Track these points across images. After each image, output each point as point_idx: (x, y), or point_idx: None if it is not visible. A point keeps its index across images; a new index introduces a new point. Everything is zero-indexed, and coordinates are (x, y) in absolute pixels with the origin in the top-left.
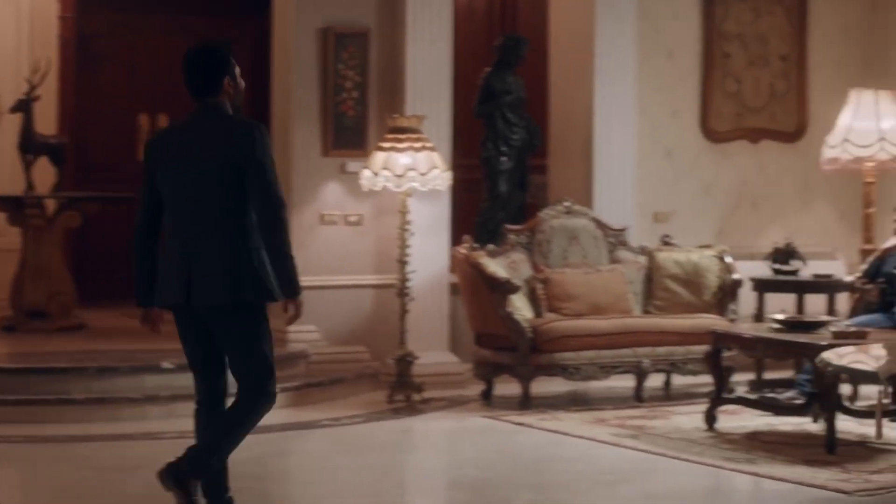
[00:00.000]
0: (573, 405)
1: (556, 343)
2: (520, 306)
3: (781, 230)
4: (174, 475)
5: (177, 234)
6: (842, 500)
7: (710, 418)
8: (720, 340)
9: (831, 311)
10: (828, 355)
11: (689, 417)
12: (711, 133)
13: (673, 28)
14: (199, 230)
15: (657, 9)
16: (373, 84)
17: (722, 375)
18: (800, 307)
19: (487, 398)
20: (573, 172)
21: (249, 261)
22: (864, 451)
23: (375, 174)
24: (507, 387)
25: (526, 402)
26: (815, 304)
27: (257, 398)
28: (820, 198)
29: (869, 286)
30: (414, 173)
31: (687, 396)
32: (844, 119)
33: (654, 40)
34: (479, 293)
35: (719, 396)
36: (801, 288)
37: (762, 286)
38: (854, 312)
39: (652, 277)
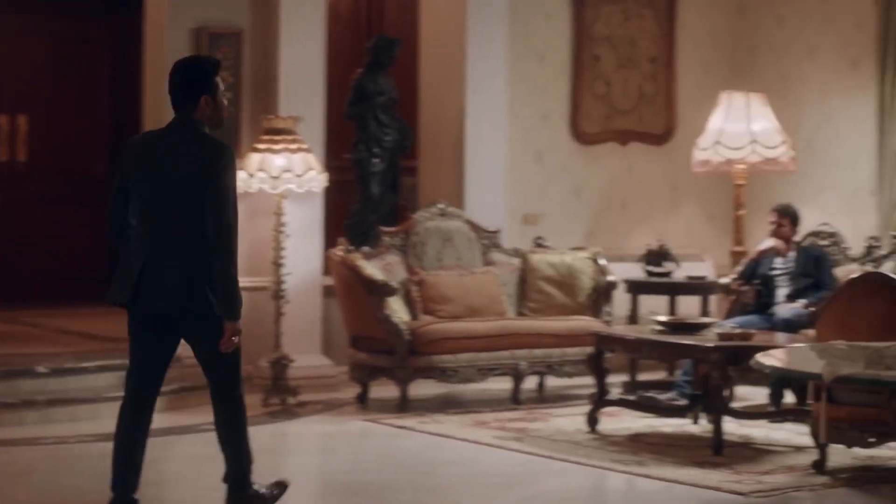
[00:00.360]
0: (451, 408)
1: (434, 345)
2: (396, 308)
3: (650, 232)
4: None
5: (140, 239)
6: (738, 502)
7: (592, 420)
8: (603, 342)
9: (705, 312)
10: (762, 358)
11: (570, 420)
12: (581, 135)
13: (544, 30)
14: (163, 238)
15: (528, 11)
16: (246, 85)
17: (604, 377)
18: (672, 309)
19: (363, 401)
20: (444, 174)
21: (203, 273)
22: (749, 452)
23: (251, 175)
24: (382, 389)
25: (404, 405)
26: (688, 306)
27: (232, 412)
28: (688, 200)
29: (745, 288)
30: (290, 175)
31: (562, 398)
32: (715, 121)
33: (526, 42)
34: (355, 296)
35: (601, 398)
36: (675, 290)
37: (636, 288)
38: (729, 314)
39: (526, 279)
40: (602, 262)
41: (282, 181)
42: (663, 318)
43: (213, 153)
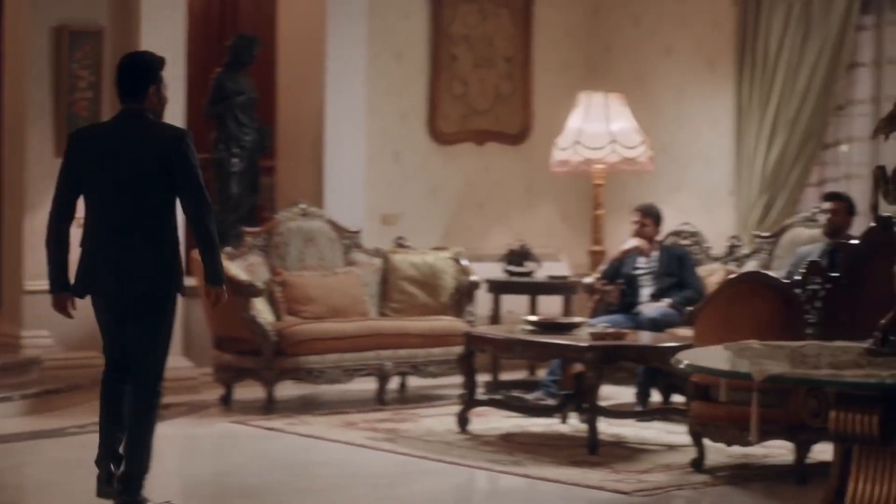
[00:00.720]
0: (316, 409)
1: (300, 346)
2: (261, 309)
3: (507, 232)
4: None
5: (103, 228)
6: (623, 501)
7: (463, 420)
8: (473, 342)
9: (567, 312)
10: (684, 356)
11: (438, 420)
12: (438, 135)
13: (402, 29)
14: (128, 226)
15: (386, 9)
16: (107, 84)
17: (474, 377)
18: (533, 308)
19: (227, 403)
20: (303, 174)
21: (174, 256)
22: (624, 451)
23: None
24: (246, 391)
25: (270, 407)
26: (547, 306)
27: (150, 401)
28: (544, 199)
29: (609, 287)
30: None
31: (426, 399)
32: (574, 121)
33: (384, 41)
34: None
35: (472, 399)
36: (537, 289)
37: (498, 288)
38: (594, 314)
39: (387, 279)
40: (464, 262)
41: None
42: (533, 318)
43: (176, 136)
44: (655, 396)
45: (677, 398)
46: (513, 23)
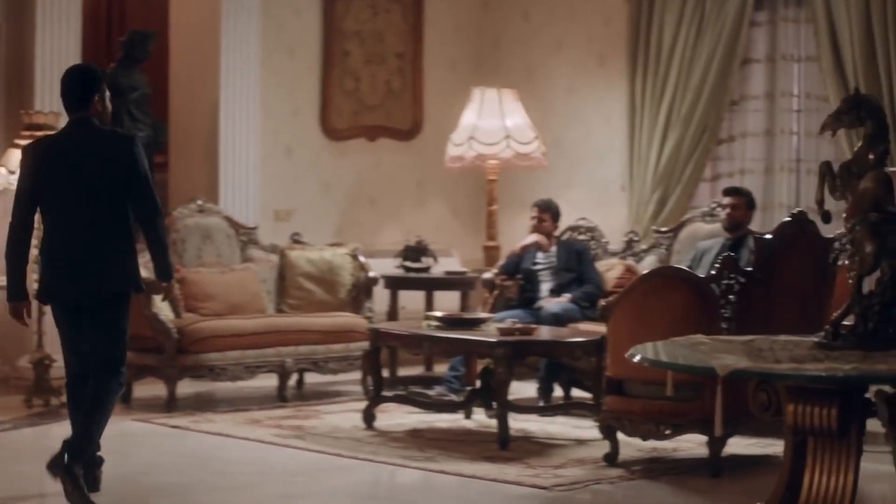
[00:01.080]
0: (217, 406)
1: (202, 344)
2: (161, 306)
3: (399, 227)
4: (59, 465)
5: (62, 236)
6: (542, 496)
7: (369, 417)
8: (380, 339)
9: (464, 307)
10: (638, 351)
11: (341, 416)
12: (331, 131)
13: (295, 25)
14: (87, 233)
15: (280, 6)
16: (1, 79)
17: (380, 374)
18: (429, 304)
19: (127, 400)
20: (196, 170)
21: (131, 258)
22: (533, 445)
23: (12, 172)
24: (145, 388)
25: (172, 405)
26: (443, 302)
27: (112, 384)
28: (435, 195)
29: (508, 283)
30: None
31: (325, 395)
32: (469, 117)
33: (277, 37)
34: None
35: (378, 395)
36: (435, 285)
37: (394, 283)
38: (493, 309)
39: (285, 276)
40: (361, 258)
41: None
42: (438, 314)
43: (129, 147)
44: (556, 391)
45: (577, 393)
46: (403, 18)
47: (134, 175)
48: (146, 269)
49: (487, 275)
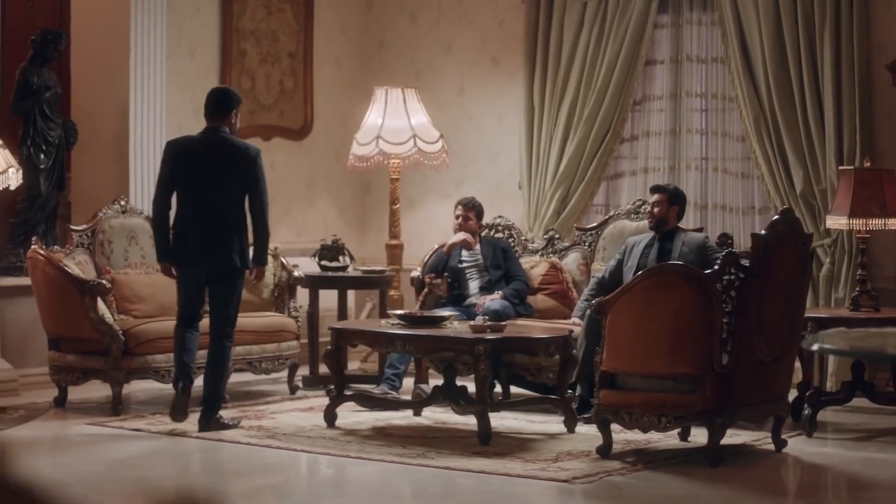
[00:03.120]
0: (156, 409)
1: (148, 345)
2: (104, 310)
3: (291, 227)
4: (209, 423)
5: (191, 216)
6: (566, 489)
7: (331, 416)
8: (343, 337)
9: (382, 305)
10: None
11: (291, 416)
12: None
13: (195, 24)
14: (211, 216)
15: (181, 5)
16: None
17: (343, 374)
18: (343, 303)
19: (62, 405)
20: (103, 171)
21: (242, 241)
22: (508, 441)
23: None
24: (77, 392)
25: (117, 407)
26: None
27: (224, 343)
28: (322, 194)
29: (437, 281)
30: None
31: (252, 396)
32: (374, 117)
33: (178, 37)
34: (63, 296)
35: (340, 394)
36: (355, 284)
37: (315, 283)
38: (422, 307)
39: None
40: (282, 258)
41: None
42: (400, 312)
43: (251, 154)
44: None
45: (515, 390)
46: (295, 18)
47: (254, 180)
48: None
49: (415, 273)
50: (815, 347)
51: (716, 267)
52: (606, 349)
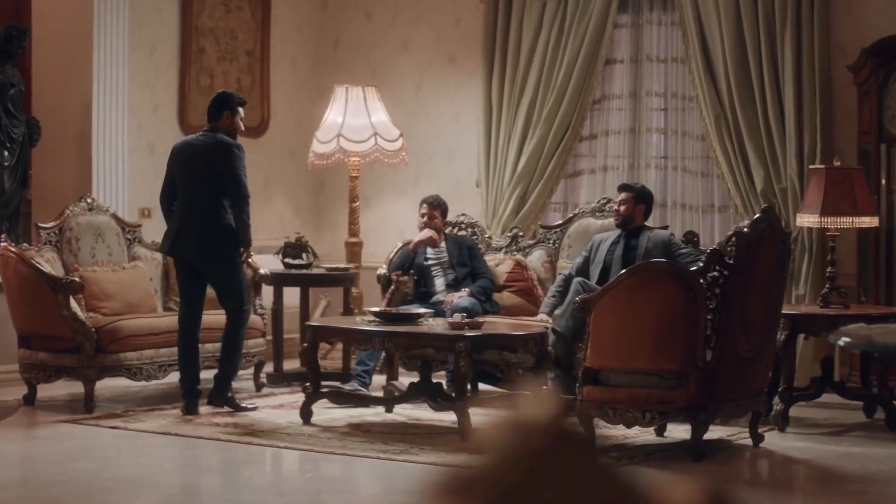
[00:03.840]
0: (131, 406)
1: (121, 343)
2: (74, 307)
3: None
4: (221, 399)
5: (180, 209)
6: None
7: (307, 413)
8: (320, 335)
9: (347, 302)
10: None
11: (264, 413)
12: (188, 128)
13: (155, 21)
14: (193, 208)
15: (141, 2)
16: None
17: (318, 371)
18: (304, 300)
19: (31, 403)
20: (64, 168)
21: (223, 227)
22: None
23: None
24: (45, 389)
25: (90, 405)
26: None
27: (237, 321)
28: (278, 192)
29: (404, 278)
30: None
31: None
32: (334, 115)
33: (139, 35)
34: (35, 294)
35: (316, 391)
36: (319, 281)
37: (278, 280)
38: (389, 304)
39: (169, 273)
40: None
41: None
42: (375, 309)
43: (224, 147)
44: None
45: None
46: (252, 16)
47: (228, 169)
48: None
49: (381, 271)
50: (840, 342)
51: (700, 264)
52: (591, 345)
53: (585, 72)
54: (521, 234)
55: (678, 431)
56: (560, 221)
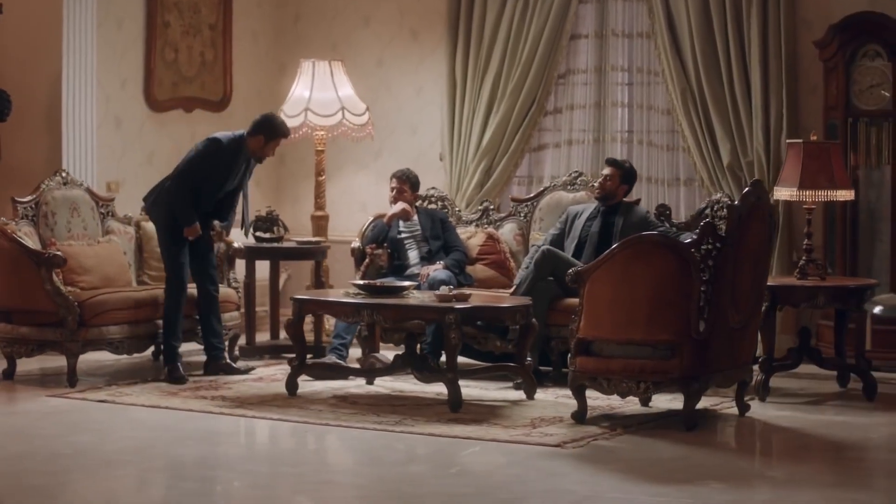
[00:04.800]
0: (113, 380)
1: (103, 317)
2: (56, 281)
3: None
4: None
5: None
6: (560, 454)
7: (293, 385)
8: (306, 308)
9: (318, 276)
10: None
11: (247, 386)
12: (154, 102)
13: None
14: None
15: None
16: None
17: (304, 344)
18: (275, 274)
19: (10, 377)
20: (35, 143)
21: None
22: (480, 408)
23: None
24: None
25: (72, 379)
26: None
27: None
28: None
29: (378, 251)
30: None
31: (201, 367)
32: (301, 90)
33: (107, 9)
34: (16, 268)
35: (302, 363)
36: (291, 254)
37: (251, 254)
38: (364, 276)
39: (143, 247)
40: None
41: None
42: (360, 282)
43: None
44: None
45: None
46: None
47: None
48: None
49: (356, 244)
50: (877, 310)
51: (694, 237)
52: (584, 317)
53: (550, 47)
54: (491, 207)
55: (661, 401)
56: (531, 195)
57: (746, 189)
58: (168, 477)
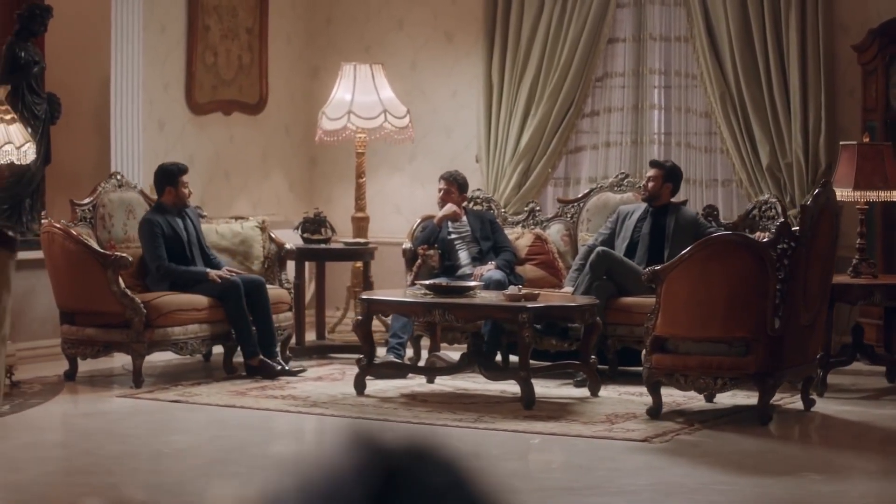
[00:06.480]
0: (171, 381)
1: (168, 317)
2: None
3: (248, 200)
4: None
5: None
6: (646, 448)
7: (361, 384)
8: (375, 308)
9: (367, 277)
10: None
11: (312, 385)
12: (195, 106)
13: (164, 1)
14: None
15: None
16: None
17: (373, 343)
18: (321, 275)
19: (72, 378)
20: (83, 145)
21: None
22: (551, 406)
23: None
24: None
25: (139, 380)
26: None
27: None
28: (275, 168)
29: (430, 252)
30: (10, 147)
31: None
32: (342, 92)
33: (151, 13)
34: (82, 270)
35: (370, 363)
36: (339, 256)
37: (302, 255)
38: (416, 277)
39: None
40: (269, 230)
41: (3, 153)
42: (427, 283)
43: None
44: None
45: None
46: None
47: None
48: None
49: (407, 245)
50: None
51: (770, 236)
52: (661, 315)
53: (588, 50)
54: (538, 208)
55: (723, 398)
56: (578, 196)
57: (817, 190)
58: (281, 474)
